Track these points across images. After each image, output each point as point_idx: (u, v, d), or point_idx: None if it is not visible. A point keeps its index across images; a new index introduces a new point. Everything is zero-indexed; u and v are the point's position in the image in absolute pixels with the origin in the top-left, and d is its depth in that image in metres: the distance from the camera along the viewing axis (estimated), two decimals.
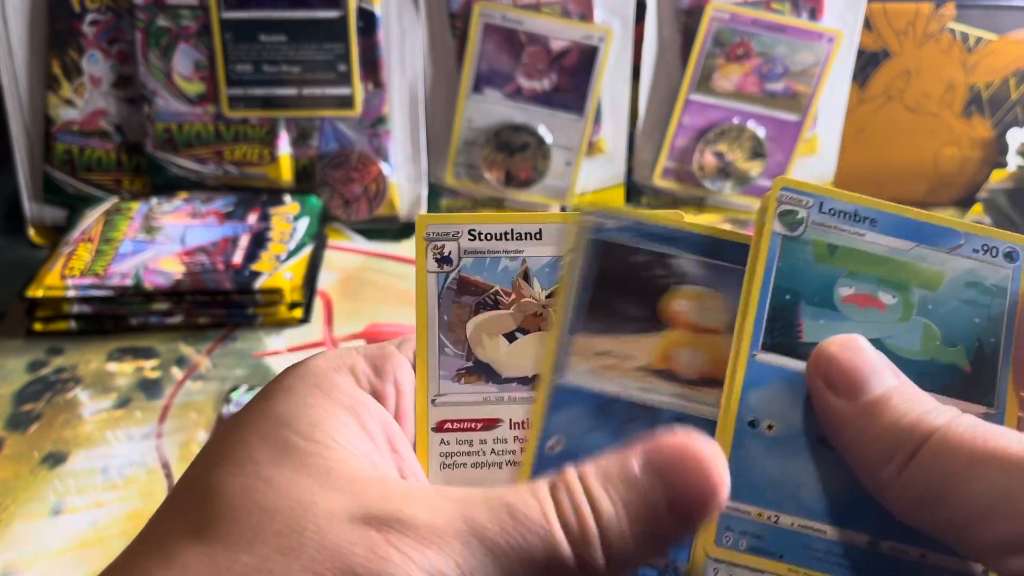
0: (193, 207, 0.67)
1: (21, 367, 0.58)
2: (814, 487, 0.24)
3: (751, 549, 0.24)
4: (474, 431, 0.26)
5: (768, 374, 0.25)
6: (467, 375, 0.27)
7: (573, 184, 0.73)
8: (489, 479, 0.26)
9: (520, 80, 0.70)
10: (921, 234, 0.26)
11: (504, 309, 0.27)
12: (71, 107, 0.69)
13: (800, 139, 0.71)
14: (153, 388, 0.57)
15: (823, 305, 0.26)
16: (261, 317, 0.62)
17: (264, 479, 0.21)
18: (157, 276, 0.60)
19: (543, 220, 0.28)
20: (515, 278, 0.27)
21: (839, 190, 0.26)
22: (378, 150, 0.71)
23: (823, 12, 0.69)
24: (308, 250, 0.64)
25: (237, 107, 0.69)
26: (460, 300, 0.27)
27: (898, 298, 0.26)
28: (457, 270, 0.27)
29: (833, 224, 0.26)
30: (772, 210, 0.26)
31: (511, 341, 0.27)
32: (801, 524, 0.24)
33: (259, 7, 0.67)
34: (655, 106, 0.73)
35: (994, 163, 0.77)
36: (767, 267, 0.26)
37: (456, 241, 0.27)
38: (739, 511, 0.24)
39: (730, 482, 0.22)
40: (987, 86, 0.74)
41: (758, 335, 0.25)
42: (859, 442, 0.23)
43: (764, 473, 0.25)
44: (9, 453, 0.51)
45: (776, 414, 0.25)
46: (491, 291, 0.27)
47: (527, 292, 0.27)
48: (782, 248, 0.26)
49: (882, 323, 0.25)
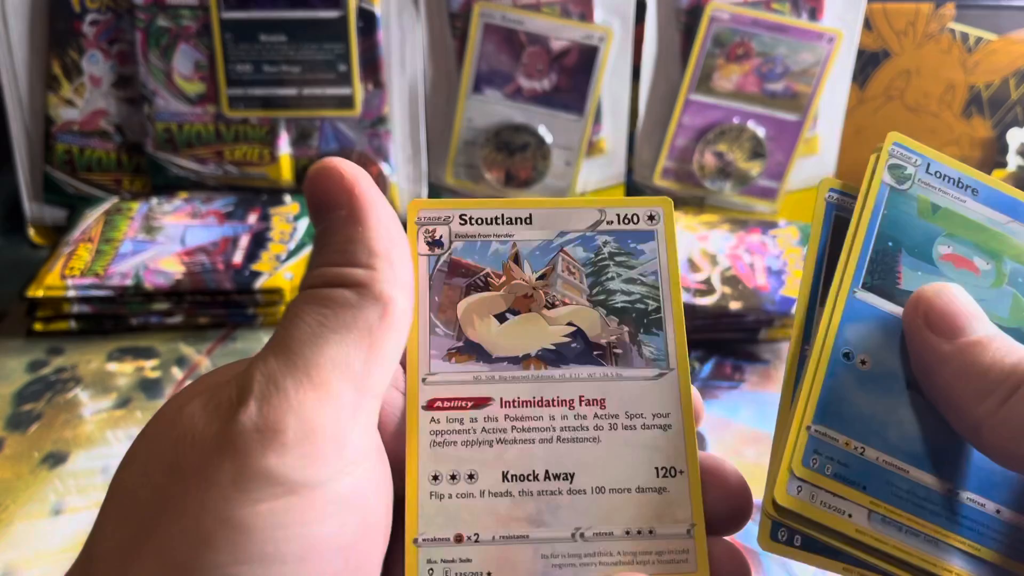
0: (193, 207, 0.67)
1: (21, 367, 0.58)
2: (900, 427, 0.25)
3: (836, 475, 0.25)
4: (464, 410, 0.26)
5: (866, 312, 0.26)
6: (458, 355, 0.27)
7: (573, 184, 0.73)
8: (479, 457, 0.26)
9: (520, 80, 0.70)
10: (1017, 210, 0.27)
11: (494, 291, 0.28)
12: (71, 107, 0.69)
13: (800, 139, 0.71)
14: (153, 388, 0.57)
15: (922, 258, 0.27)
16: (261, 317, 0.62)
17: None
18: (157, 276, 0.60)
19: (532, 205, 0.28)
20: (506, 260, 0.28)
21: (947, 156, 0.28)
22: (378, 150, 0.71)
23: (823, 12, 0.69)
24: (308, 250, 0.64)
25: (237, 107, 0.69)
26: (451, 282, 0.28)
27: (992, 265, 0.27)
28: (448, 253, 0.28)
29: (938, 186, 0.27)
30: (884, 161, 0.27)
31: (501, 322, 0.27)
32: (886, 460, 0.25)
33: (259, 7, 0.67)
34: (655, 106, 0.73)
35: (994, 163, 0.77)
36: (874, 212, 0.27)
37: (447, 225, 0.28)
38: (827, 436, 0.25)
39: (820, 405, 0.24)
40: (987, 86, 0.74)
41: (860, 274, 0.26)
42: (957, 379, 0.24)
43: (854, 405, 0.25)
44: (9, 453, 0.51)
45: (870, 350, 0.26)
46: (482, 273, 0.28)
47: (517, 274, 0.28)
48: (889, 198, 0.27)
49: (976, 286, 0.26)
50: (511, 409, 0.27)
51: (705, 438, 0.53)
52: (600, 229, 0.28)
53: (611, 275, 0.28)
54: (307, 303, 0.23)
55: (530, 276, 0.28)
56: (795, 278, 0.60)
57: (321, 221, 0.24)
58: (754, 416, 0.55)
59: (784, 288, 0.59)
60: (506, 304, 0.28)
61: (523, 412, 0.27)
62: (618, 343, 0.27)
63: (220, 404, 0.22)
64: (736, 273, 0.61)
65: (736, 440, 0.53)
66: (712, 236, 0.64)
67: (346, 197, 0.24)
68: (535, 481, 0.26)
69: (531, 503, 0.26)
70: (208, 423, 0.21)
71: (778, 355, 0.60)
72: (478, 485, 0.26)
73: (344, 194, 0.24)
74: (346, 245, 0.23)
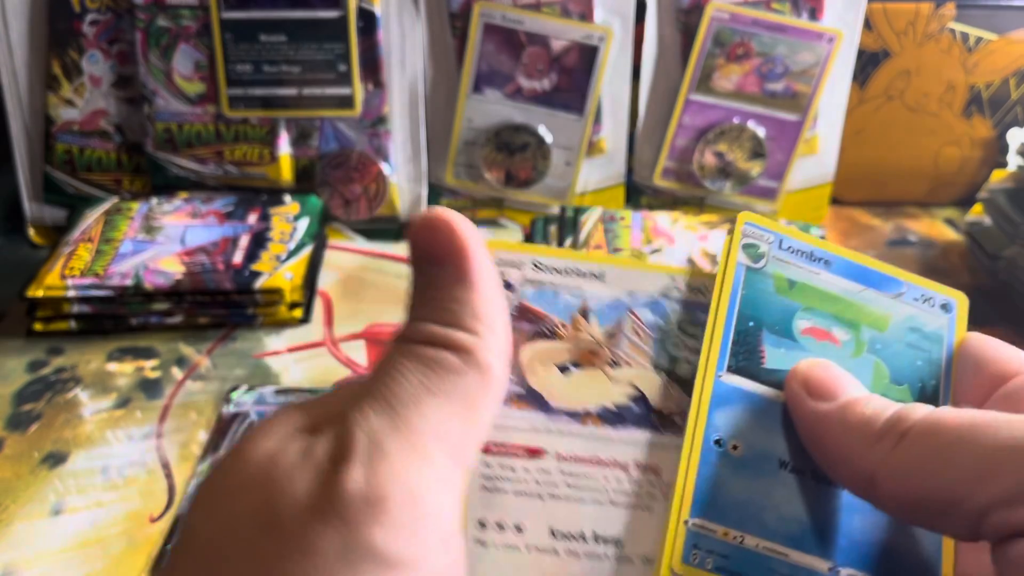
0: (193, 207, 0.67)
1: (21, 367, 0.58)
2: (777, 510, 0.25)
3: (717, 568, 0.24)
4: (518, 458, 0.26)
5: (733, 395, 0.26)
6: (517, 400, 0.27)
7: (573, 184, 0.73)
8: (528, 509, 0.26)
9: (520, 80, 0.70)
10: (869, 279, 0.28)
11: (561, 341, 0.27)
12: (71, 107, 0.69)
13: (800, 139, 0.71)
14: (153, 388, 0.57)
15: (783, 335, 0.27)
16: (261, 317, 0.62)
17: None
18: (157, 276, 0.60)
19: (606, 262, 0.28)
20: (574, 312, 0.28)
21: (797, 231, 0.28)
22: (378, 150, 0.71)
23: (823, 12, 0.69)
24: (308, 250, 0.64)
25: (237, 107, 0.69)
26: (518, 326, 0.27)
27: (851, 335, 0.27)
28: (518, 297, 0.28)
29: (792, 261, 0.28)
30: (737, 241, 0.28)
31: (564, 373, 0.27)
32: (766, 546, 0.25)
33: (259, 7, 0.67)
34: (655, 106, 0.73)
35: (994, 163, 0.77)
36: (732, 293, 0.27)
37: (520, 270, 0.28)
38: (706, 529, 0.25)
39: (696, 498, 0.23)
40: (987, 86, 0.74)
41: (723, 357, 0.26)
42: (846, 433, 0.24)
43: (730, 493, 0.25)
44: (9, 453, 0.52)
45: (741, 435, 0.26)
46: (549, 322, 0.27)
47: (584, 328, 0.27)
48: (746, 277, 0.27)
49: (837, 357, 0.27)
50: (566, 464, 0.26)
51: None
52: (670, 296, 0.28)
53: (677, 343, 0.28)
54: (409, 359, 0.22)
55: (597, 332, 0.27)
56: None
57: (424, 272, 0.23)
58: None
59: None
60: (570, 357, 0.27)
61: (577, 469, 0.26)
62: (678, 412, 0.27)
63: (319, 461, 0.20)
64: None
65: None
66: (712, 236, 0.64)
67: (456, 255, 0.23)
68: (583, 542, 0.26)
69: (576, 564, 0.25)
70: (308, 481, 0.20)
71: None
72: (524, 538, 0.26)
73: (455, 252, 0.23)
74: (451, 305, 0.23)
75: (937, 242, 0.73)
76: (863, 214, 0.78)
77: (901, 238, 0.73)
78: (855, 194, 0.78)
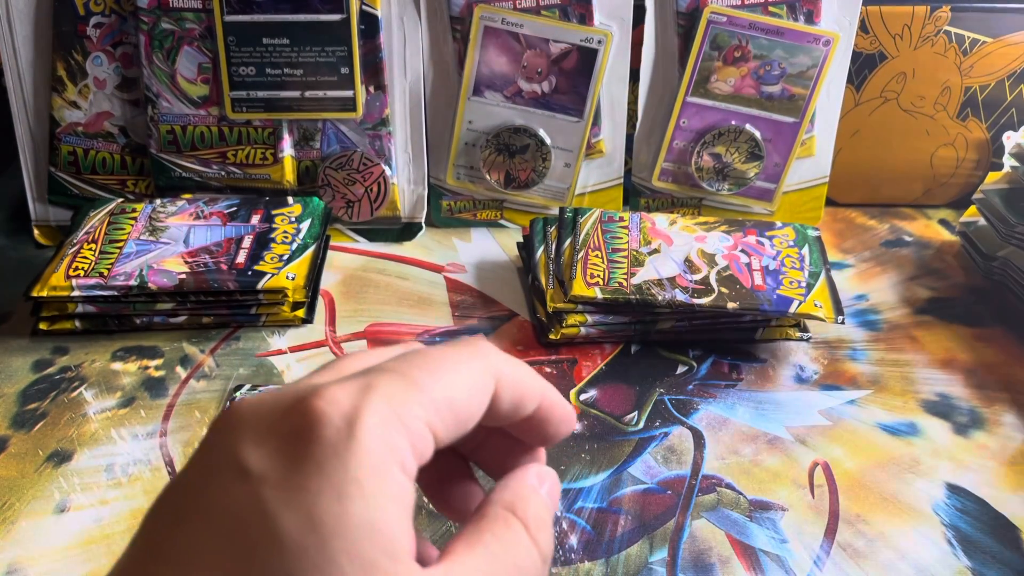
0: (197, 208, 0.67)
1: (26, 366, 0.59)
2: None
3: None
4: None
5: None
6: None
7: (572, 185, 0.74)
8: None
9: (520, 83, 0.71)
10: None
11: None
12: (76, 109, 0.70)
13: (797, 141, 0.72)
14: (157, 387, 0.57)
15: None
16: (264, 317, 0.63)
17: None
18: (161, 276, 0.60)
19: None
20: None
21: None
22: (380, 152, 0.72)
23: (820, 15, 0.70)
24: (311, 251, 0.65)
25: (240, 110, 0.70)
26: None
27: None
28: None
29: None
30: None
31: None
32: None
33: (262, 11, 0.67)
34: (653, 108, 0.74)
35: (989, 165, 0.77)
36: None
37: None
38: None
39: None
40: (982, 88, 0.75)
41: None
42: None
43: None
44: (14, 451, 0.52)
45: None
46: None
47: None
48: None
49: None
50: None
51: (704, 437, 0.54)
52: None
53: None
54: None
55: None
56: (792, 278, 0.61)
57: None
58: (751, 415, 0.56)
59: (781, 288, 0.60)
60: None
61: None
62: None
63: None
64: (733, 273, 0.61)
65: (733, 439, 0.54)
66: (710, 237, 0.65)
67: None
68: None
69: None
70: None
71: (775, 354, 0.61)
72: None
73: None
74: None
75: (932, 243, 0.74)
76: (859, 215, 0.79)
77: (896, 239, 0.74)
78: (851, 195, 0.79)
